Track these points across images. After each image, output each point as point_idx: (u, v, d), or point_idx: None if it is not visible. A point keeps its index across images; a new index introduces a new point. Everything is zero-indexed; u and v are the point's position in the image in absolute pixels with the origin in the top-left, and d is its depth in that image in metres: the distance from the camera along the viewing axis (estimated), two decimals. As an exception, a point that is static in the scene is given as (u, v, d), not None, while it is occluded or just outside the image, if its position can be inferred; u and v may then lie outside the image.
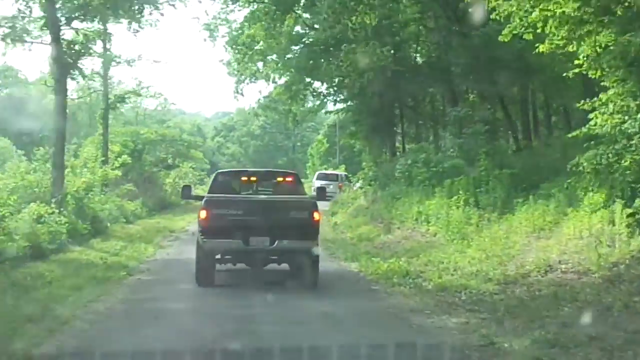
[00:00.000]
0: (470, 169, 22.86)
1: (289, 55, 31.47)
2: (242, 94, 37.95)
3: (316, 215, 13.37)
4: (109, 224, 25.19)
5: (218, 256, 13.69)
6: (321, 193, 16.88)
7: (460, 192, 20.67)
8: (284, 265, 14.36)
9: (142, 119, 63.80)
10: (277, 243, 13.00)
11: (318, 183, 43.39)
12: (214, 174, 17.44)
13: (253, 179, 15.86)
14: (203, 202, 13.72)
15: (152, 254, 19.73)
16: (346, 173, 45.44)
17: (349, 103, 34.04)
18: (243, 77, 36.41)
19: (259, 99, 38.75)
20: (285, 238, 12.99)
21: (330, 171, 50.86)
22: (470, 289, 12.21)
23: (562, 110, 32.87)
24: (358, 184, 42.10)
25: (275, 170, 27.10)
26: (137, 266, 16.82)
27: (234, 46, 33.17)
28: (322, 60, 29.16)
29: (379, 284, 13.92)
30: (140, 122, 56.87)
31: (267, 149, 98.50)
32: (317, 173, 48.85)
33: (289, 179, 15.93)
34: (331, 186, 37.08)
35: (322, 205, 41.15)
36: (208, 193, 14.76)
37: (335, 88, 32.49)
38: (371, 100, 29.90)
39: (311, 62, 29.24)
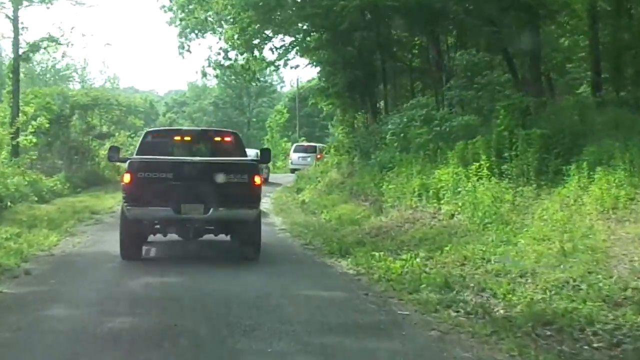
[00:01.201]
0: (483, 129, 17.27)
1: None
2: (189, 51, 31.57)
3: (257, 180, 11.99)
4: (9, 204, 19.07)
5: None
6: (266, 155, 14.56)
7: (484, 158, 15.03)
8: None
9: (89, 95, 57.39)
10: (212, 211, 11.63)
11: (296, 156, 40.17)
12: (142, 133, 15.17)
13: (187, 138, 14.30)
14: (127, 164, 12.23)
15: (52, 245, 13.88)
16: (324, 145, 40.10)
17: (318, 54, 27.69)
18: (188, 29, 30.28)
19: (209, 57, 32.34)
20: (222, 205, 11.66)
21: (307, 143, 46.20)
22: (596, 320, 6.48)
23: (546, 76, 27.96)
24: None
25: (212, 129, 25.75)
26: (13, 267, 10.92)
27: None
28: None
29: (408, 305, 8.10)
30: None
31: (220, 125, 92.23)
32: (294, 145, 44.72)
33: (227, 138, 14.19)
34: (309, 158, 32.95)
35: (284, 180, 35.84)
36: (136, 154, 13.02)
37: (303, 34, 26.13)
38: (347, 48, 23.84)
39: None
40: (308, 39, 27.69)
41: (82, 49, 51.54)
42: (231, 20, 24.95)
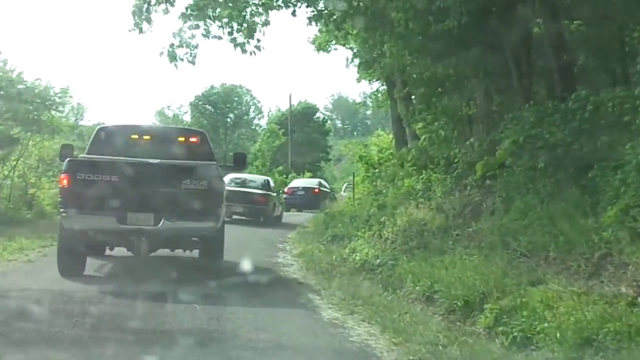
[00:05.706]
0: None
1: None
2: (147, 21, 19.04)
3: (219, 187, 10.61)
4: None
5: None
6: (240, 160, 12.34)
7: None
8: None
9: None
10: (164, 222, 10.17)
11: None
12: (95, 130, 12.78)
13: (146, 137, 12.40)
14: (64, 164, 10.62)
15: None
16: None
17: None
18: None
19: (181, 29, 19.71)
20: (176, 216, 10.25)
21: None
22: None
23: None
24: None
25: (177, 127, 25.96)
26: None
27: None
28: None
29: None
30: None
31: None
32: (345, 185, 40.77)
33: (193, 139, 12.46)
34: None
35: (300, 219, 23.05)
36: (86, 154, 11.60)
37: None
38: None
39: None
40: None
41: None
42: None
